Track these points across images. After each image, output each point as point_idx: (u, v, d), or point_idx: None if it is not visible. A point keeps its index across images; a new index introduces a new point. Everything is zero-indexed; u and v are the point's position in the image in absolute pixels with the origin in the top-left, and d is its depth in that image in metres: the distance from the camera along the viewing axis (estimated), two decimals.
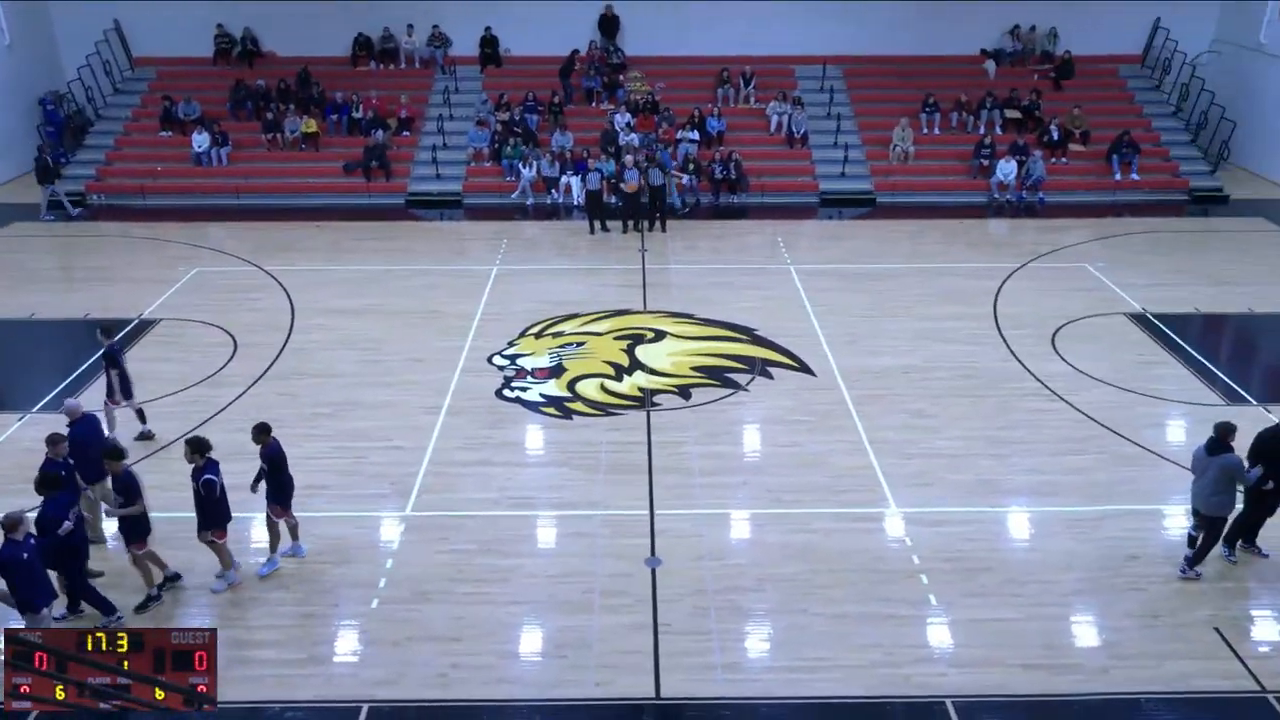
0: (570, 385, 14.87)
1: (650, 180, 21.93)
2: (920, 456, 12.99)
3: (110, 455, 10.10)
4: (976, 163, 24.62)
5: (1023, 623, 9.98)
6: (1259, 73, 25.81)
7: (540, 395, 14.63)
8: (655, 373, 15.29)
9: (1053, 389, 14.75)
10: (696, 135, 24.69)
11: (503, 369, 15.44)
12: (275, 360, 15.73)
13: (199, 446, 10.12)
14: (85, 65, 26.31)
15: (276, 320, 17.22)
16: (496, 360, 15.71)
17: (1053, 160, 24.70)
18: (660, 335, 16.57)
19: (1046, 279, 19.24)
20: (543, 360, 15.65)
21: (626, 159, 22.43)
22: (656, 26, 27.35)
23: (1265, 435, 10.59)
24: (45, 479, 9.64)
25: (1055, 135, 24.92)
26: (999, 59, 27.64)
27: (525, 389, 14.82)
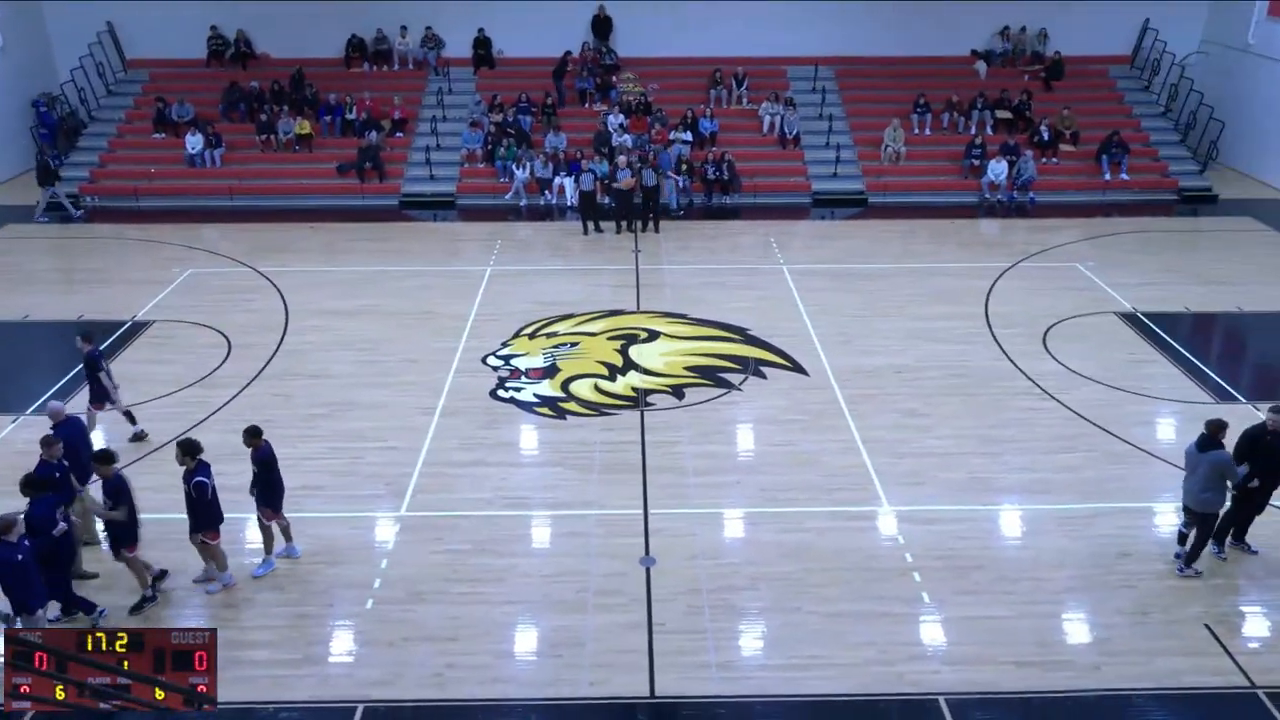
0: (564, 385, 14.91)
1: (644, 181, 21.98)
2: (912, 455, 13.06)
3: (100, 459, 10.07)
4: (967, 163, 24.72)
5: (1015, 620, 10.04)
6: (1247, 73, 25.96)
7: (534, 395, 14.67)
8: (649, 373, 15.34)
9: (1044, 388, 14.84)
10: (689, 136, 24.74)
11: (497, 369, 15.47)
12: (270, 361, 15.73)
13: (190, 449, 10.11)
14: (78, 67, 26.22)
15: (271, 321, 17.23)
16: (491, 361, 15.75)
17: (1043, 160, 24.81)
18: (654, 335, 16.62)
19: (1037, 278, 19.34)
20: (537, 360, 15.69)
21: (620, 160, 22.50)
22: (649, 28, 27.38)
23: (1251, 433, 10.65)
24: (30, 480, 9.60)
25: (1046, 135, 25.04)
26: (990, 60, 27.75)
27: (519, 389, 14.86)
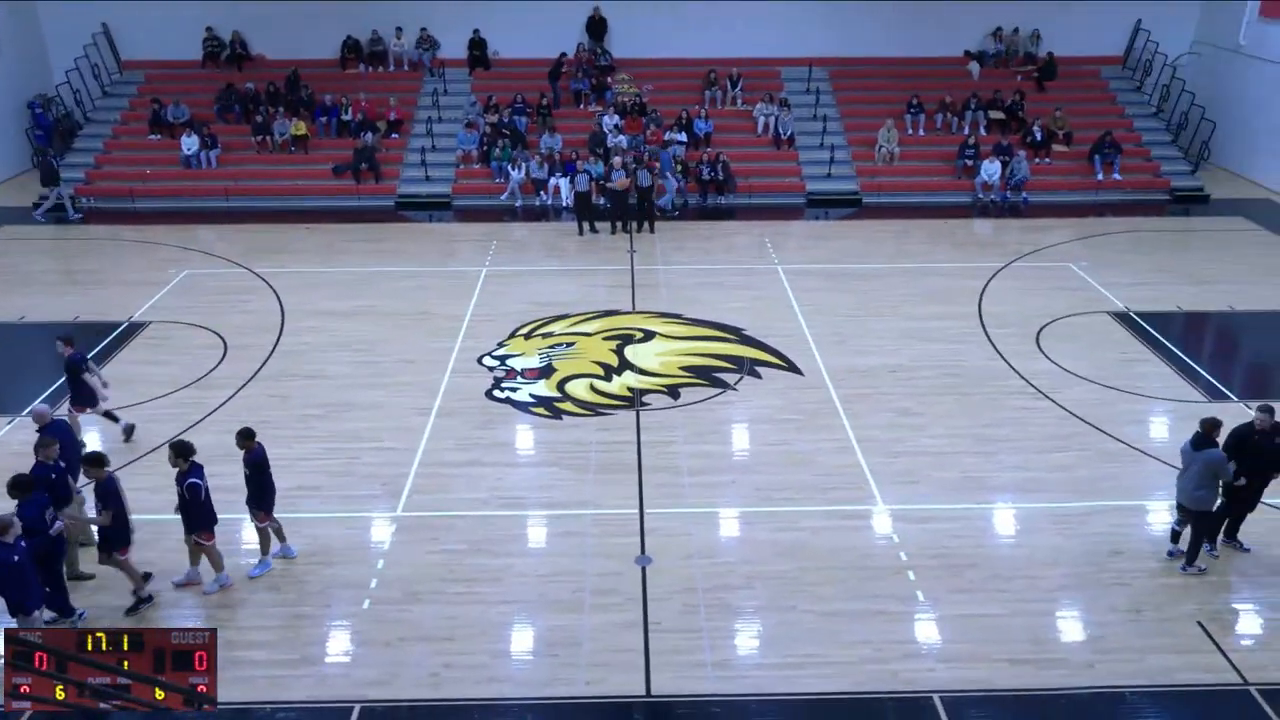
0: (560, 385, 14.95)
1: (638, 181, 22.03)
2: (907, 454, 13.11)
3: (91, 462, 10.04)
4: (961, 163, 24.79)
5: (1009, 618, 10.09)
6: (1238, 74, 26.08)
7: (530, 395, 14.71)
8: (644, 373, 15.38)
9: (1037, 387, 14.90)
10: (684, 137, 24.79)
11: (493, 369, 15.50)
12: (266, 362, 15.74)
13: (182, 451, 10.11)
14: (74, 68, 26.20)
15: (267, 322, 17.23)
16: (486, 361, 15.78)
17: (1036, 160, 24.89)
18: (649, 335, 16.66)
19: (1030, 278, 19.41)
20: (532, 361, 15.72)
21: (615, 160, 22.54)
22: (644, 29, 27.41)
23: (1239, 432, 10.72)
24: (15, 482, 9.56)
25: (1038, 136, 25.13)
26: (982, 60, 27.84)
27: (515, 389, 14.90)
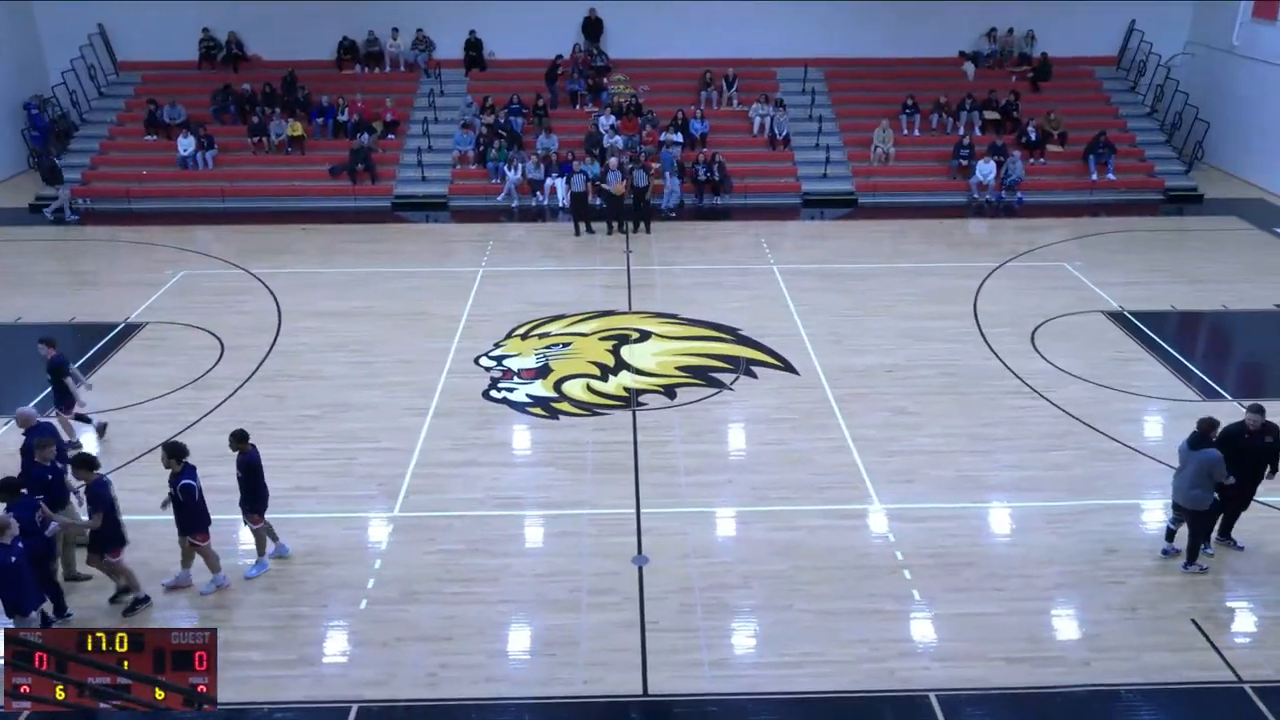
0: (556, 385, 14.97)
1: (635, 182, 22.05)
2: (903, 453, 13.15)
3: (81, 464, 9.98)
4: (956, 163, 24.85)
5: (1005, 617, 10.12)
6: (1231, 74, 26.18)
7: (527, 396, 14.73)
8: (641, 373, 15.41)
9: (1033, 386, 14.95)
10: (680, 137, 24.82)
11: (489, 370, 15.52)
12: (262, 363, 15.75)
13: (176, 452, 10.10)
14: (69, 69, 26.20)
15: (263, 323, 17.24)
16: (483, 361, 15.79)
17: (1031, 160, 24.96)
18: (645, 335, 16.69)
19: (1025, 278, 19.47)
20: (529, 361, 15.74)
21: (611, 161, 22.57)
22: (640, 29, 27.43)
23: (1230, 431, 10.74)
24: (3, 484, 9.53)
25: (1033, 136, 25.19)
26: (977, 61, 27.91)
27: (512, 390, 14.92)
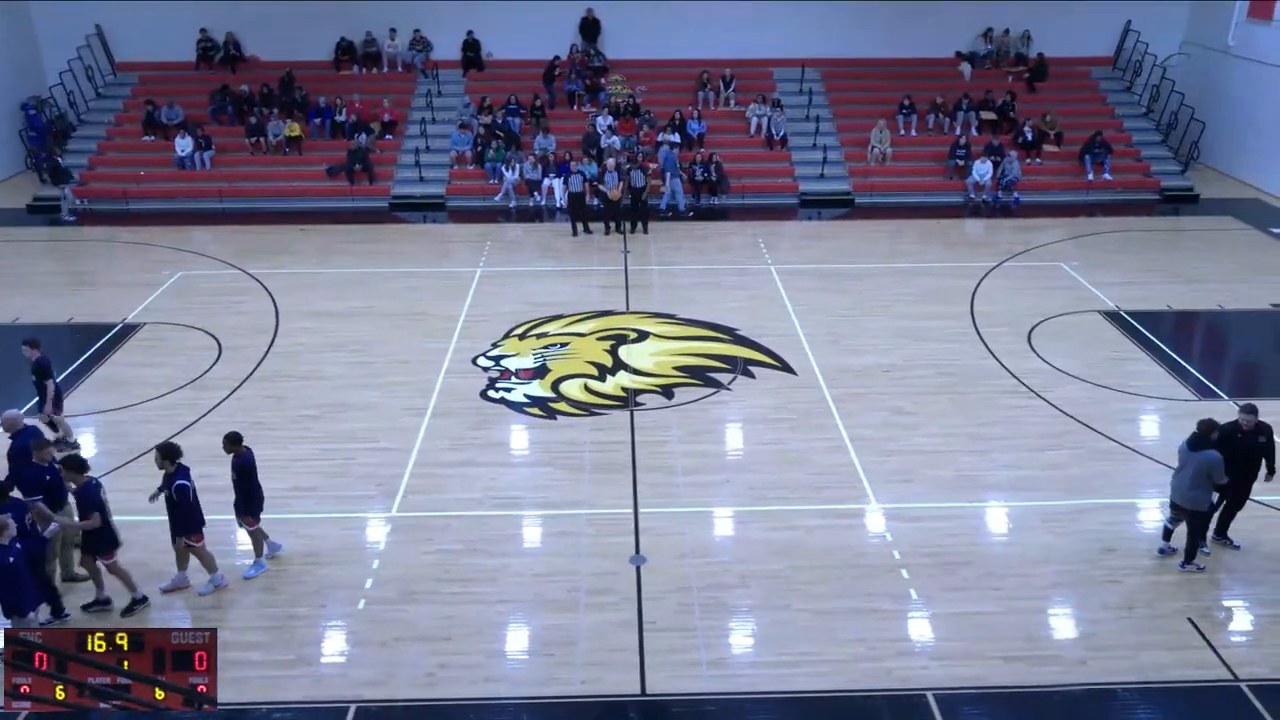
0: (554, 386, 14.99)
1: (632, 182, 22.07)
2: (900, 453, 13.17)
3: (71, 466, 9.93)
4: (953, 163, 24.89)
5: (1002, 615, 10.14)
6: (1227, 74, 26.25)
7: (524, 396, 14.74)
8: (638, 373, 15.43)
9: (1029, 386, 14.98)
10: (677, 138, 24.83)
11: (487, 370, 15.53)
12: (260, 363, 15.76)
13: (169, 453, 10.08)
14: (67, 70, 26.19)
15: (261, 323, 17.24)
16: (481, 361, 15.81)
17: (1027, 161, 25.00)
18: (643, 336, 16.71)
19: (1022, 278, 19.51)
20: (527, 361, 15.76)
21: (608, 162, 22.59)
22: (637, 30, 27.47)
23: (1225, 431, 10.74)
24: None
25: (1029, 136, 25.24)
26: (974, 61, 27.97)
27: (510, 390, 14.93)
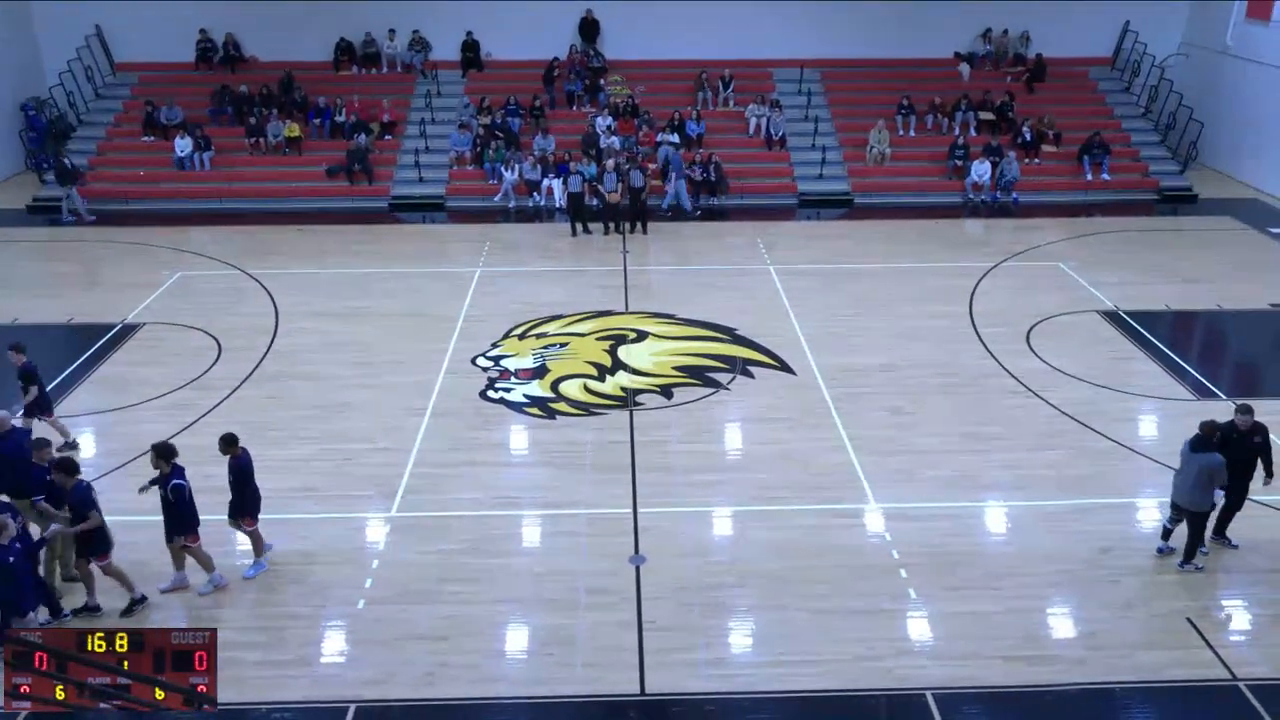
0: (554, 386, 15.00)
1: (631, 182, 22.09)
2: (899, 453, 13.17)
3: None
4: (951, 164, 24.92)
5: (1001, 615, 10.15)
6: (1225, 75, 26.28)
7: (524, 396, 14.75)
8: (637, 372, 15.44)
9: (1028, 385, 14.99)
10: (676, 138, 24.84)
11: (486, 370, 15.54)
12: (260, 363, 15.77)
13: (164, 453, 10.07)
14: (67, 70, 26.19)
15: (261, 324, 17.25)
16: (480, 362, 15.81)
17: (1026, 161, 25.02)
18: (642, 335, 16.72)
19: (1021, 278, 19.52)
20: (526, 361, 15.77)
21: (608, 162, 22.60)
22: (636, 30, 27.50)
23: (1221, 432, 10.71)
24: None
25: (1028, 136, 25.26)
26: (973, 62, 27.99)
27: (509, 390, 14.94)
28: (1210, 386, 15.11)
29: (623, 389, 14.95)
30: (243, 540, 11.04)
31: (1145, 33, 27.43)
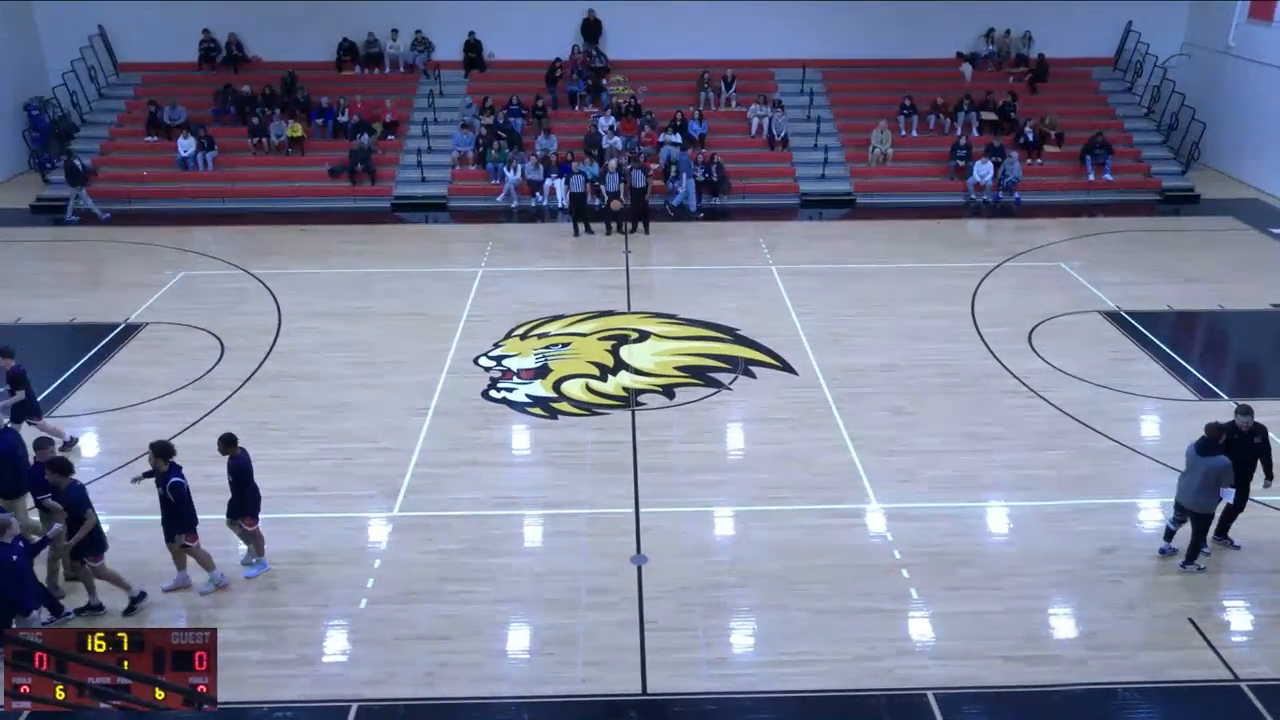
0: (556, 385, 15.01)
1: (633, 182, 22.10)
2: (901, 453, 13.18)
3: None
4: (953, 164, 24.90)
5: (1002, 615, 10.15)
6: (1228, 75, 26.24)
7: (526, 396, 14.77)
8: (639, 372, 15.45)
9: (1030, 386, 14.99)
10: (679, 138, 24.86)
11: (489, 370, 15.56)
12: (263, 363, 15.79)
13: (162, 451, 10.08)
14: (70, 70, 26.23)
15: (263, 323, 17.27)
16: (483, 361, 15.83)
17: (1028, 161, 25.01)
18: (644, 336, 16.73)
19: (1023, 278, 19.51)
20: (528, 361, 15.79)
21: (610, 163, 22.61)
22: (638, 30, 27.49)
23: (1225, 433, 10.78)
24: None
25: (1030, 137, 25.24)
26: (975, 62, 27.97)
27: (511, 390, 14.95)
28: (1212, 387, 15.10)
29: (625, 389, 14.96)
30: (241, 540, 11.04)
31: (1147, 33, 27.40)
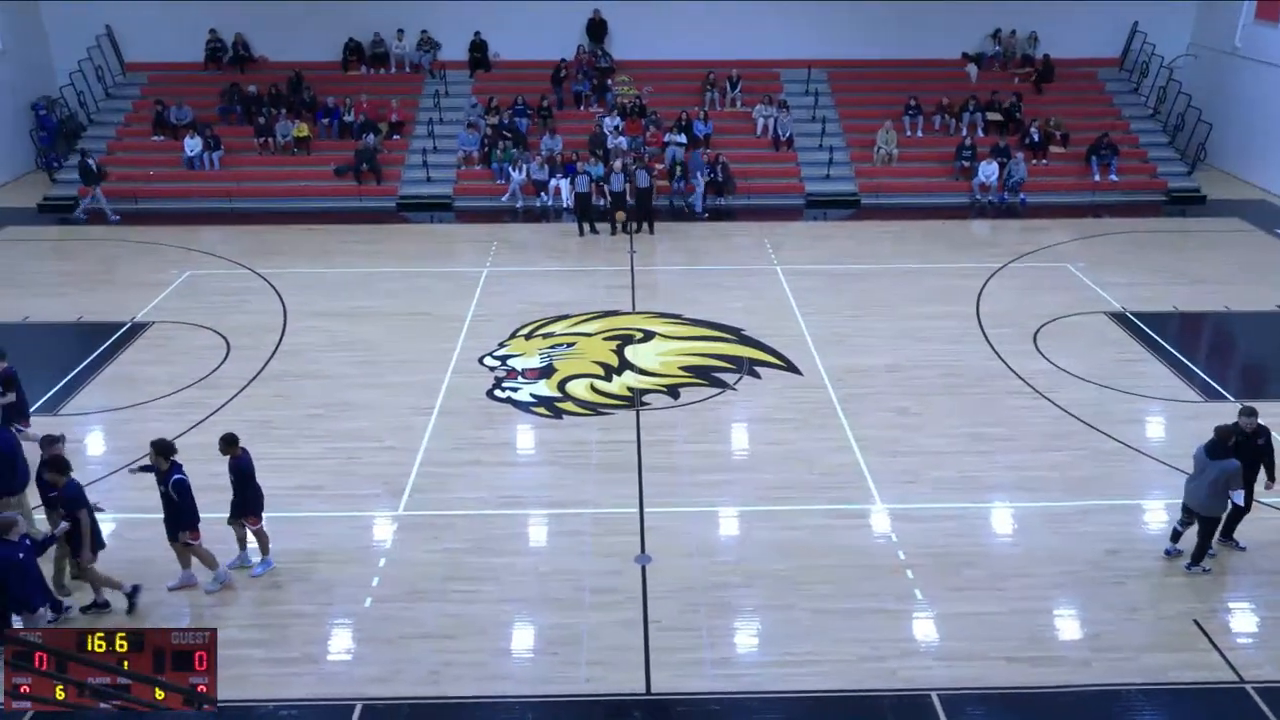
0: (560, 385, 15.02)
1: (638, 182, 22.11)
2: (905, 453, 13.17)
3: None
4: (958, 164, 24.87)
5: (1006, 616, 10.14)
6: (1234, 76, 26.18)
7: (531, 395, 14.78)
8: (644, 372, 15.46)
9: (1035, 386, 14.97)
10: (684, 138, 24.86)
11: (493, 369, 15.57)
12: (268, 362, 15.82)
13: (164, 449, 10.09)
14: (77, 70, 26.29)
15: (269, 322, 17.30)
16: (487, 361, 15.85)
17: (1033, 162, 24.97)
18: (649, 335, 16.74)
19: (1028, 278, 19.49)
20: (533, 361, 15.80)
21: (615, 163, 22.62)
22: (644, 31, 27.49)
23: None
24: None
25: (1036, 137, 25.20)
26: (980, 62, 27.92)
27: (516, 389, 14.97)
28: (1218, 388, 15.07)
29: (629, 389, 14.97)
30: (249, 539, 11.06)
31: (1154, 34, 27.34)
